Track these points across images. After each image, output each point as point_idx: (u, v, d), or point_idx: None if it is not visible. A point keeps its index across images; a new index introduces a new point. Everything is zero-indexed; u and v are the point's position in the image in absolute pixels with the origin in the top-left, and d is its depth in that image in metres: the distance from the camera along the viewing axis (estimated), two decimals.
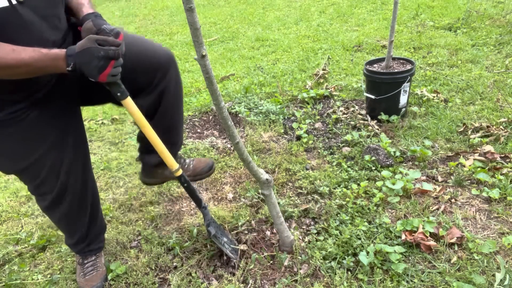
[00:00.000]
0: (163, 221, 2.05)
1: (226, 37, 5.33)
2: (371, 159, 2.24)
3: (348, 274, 1.58)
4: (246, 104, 3.15)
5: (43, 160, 1.32)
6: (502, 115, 2.54)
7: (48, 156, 1.32)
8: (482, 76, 3.09)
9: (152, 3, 8.56)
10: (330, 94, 3.19)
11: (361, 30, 4.70)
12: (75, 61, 1.09)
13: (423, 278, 1.52)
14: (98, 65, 1.10)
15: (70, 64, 1.09)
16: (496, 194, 1.88)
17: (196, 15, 1.01)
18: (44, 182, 1.39)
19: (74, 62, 1.09)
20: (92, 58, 1.09)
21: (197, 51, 1.07)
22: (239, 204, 2.08)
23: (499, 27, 4.03)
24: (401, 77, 2.51)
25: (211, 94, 1.19)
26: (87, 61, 1.09)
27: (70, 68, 1.09)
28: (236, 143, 1.34)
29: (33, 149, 1.29)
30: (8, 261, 1.92)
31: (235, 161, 2.48)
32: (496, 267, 1.52)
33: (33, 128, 1.25)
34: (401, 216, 1.86)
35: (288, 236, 1.69)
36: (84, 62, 1.09)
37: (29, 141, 1.27)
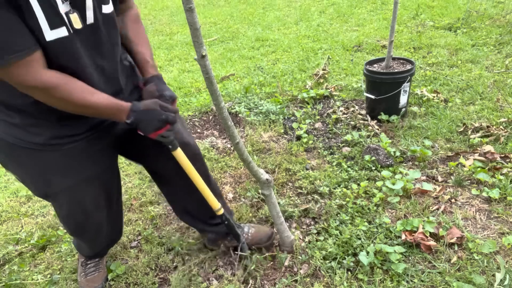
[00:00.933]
0: (163, 221, 2.05)
1: (226, 37, 5.33)
2: (371, 159, 2.24)
3: (348, 274, 1.58)
4: (246, 104, 3.15)
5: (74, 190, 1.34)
6: (502, 115, 2.54)
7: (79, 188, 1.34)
8: (482, 76, 3.09)
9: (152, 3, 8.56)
10: (330, 94, 3.19)
11: (361, 30, 4.70)
12: (137, 117, 1.19)
13: (423, 278, 1.52)
14: (156, 125, 1.22)
15: (131, 118, 1.19)
16: (496, 194, 1.88)
17: (196, 15, 1.01)
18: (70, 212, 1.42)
19: (136, 117, 1.19)
20: (154, 119, 1.21)
21: (197, 51, 1.07)
22: (239, 204, 2.08)
23: (499, 27, 4.03)
24: (401, 77, 2.51)
25: (211, 94, 1.19)
26: (149, 120, 1.21)
27: (129, 121, 1.20)
28: (236, 143, 1.34)
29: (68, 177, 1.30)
30: (8, 261, 1.92)
31: (235, 161, 2.48)
32: (496, 267, 1.52)
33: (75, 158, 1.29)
34: (401, 216, 1.86)
35: (289, 236, 1.69)
36: (145, 120, 1.20)
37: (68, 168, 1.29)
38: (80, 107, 1.12)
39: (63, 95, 1.07)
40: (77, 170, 1.30)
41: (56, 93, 1.06)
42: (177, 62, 4.65)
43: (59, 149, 1.24)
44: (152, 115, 1.21)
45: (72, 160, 1.28)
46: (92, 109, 1.14)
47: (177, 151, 1.36)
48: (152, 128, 1.22)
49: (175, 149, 1.36)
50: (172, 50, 5.10)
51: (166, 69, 4.46)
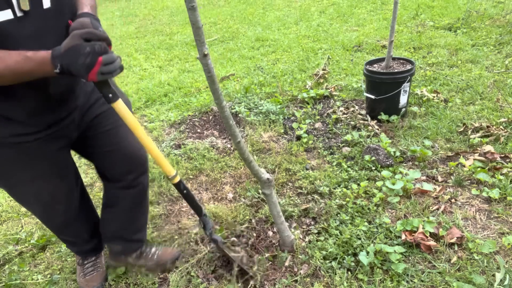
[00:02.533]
0: (163, 221, 2.05)
1: (226, 37, 5.33)
2: (371, 159, 2.24)
3: (348, 274, 1.58)
4: (246, 104, 3.15)
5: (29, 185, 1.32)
6: (502, 115, 2.54)
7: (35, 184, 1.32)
8: (482, 76, 3.09)
9: (152, 3, 8.56)
10: (330, 94, 3.19)
11: (361, 30, 4.70)
12: (62, 62, 1.00)
13: (423, 278, 1.52)
14: (85, 63, 1.00)
15: (57, 66, 1.00)
16: (496, 194, 1.88)
17: (198, 14, 1.00)
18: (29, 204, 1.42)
19: (61, 63, 1.00)
20: (78, 55, 0.99)
21: (199, 50, 1.07)
22: (239, 204, 2.08)
23: (499, 27, 4.03)
24: (401, 77, 2.51)
25: (213, 93, 1.19)
26: (74, 60, 0.99)
27: (58, 70, 1.00)
28: (238, 143, 1.34)
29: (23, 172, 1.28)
30: (8, 261, 1.92)
31: (235, 161, 2.48)
32: (496, 267, 1.52)
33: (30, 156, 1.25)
34: (401, 216, 1.86)
35: (289, 235, 1.69)
36: (71, 61, 0.99)
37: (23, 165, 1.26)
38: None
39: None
40: (32, 167, 1.27)
41: None
42: (177, 62, 4.65)
43: (15, 146, 1.20)
44: (75, 52, 0.99)
45: (28, 157, 1.24)
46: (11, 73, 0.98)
47: (118, 103, 1.18)
48: (83, 68, 1.00)
49: (115, 99, 1.17)
50: (172, 50, 5.10)
51: (166, 69, 4.46)
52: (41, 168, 1.30)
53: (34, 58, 0.99)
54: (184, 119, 3.13)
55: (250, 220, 1.95)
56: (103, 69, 1.03)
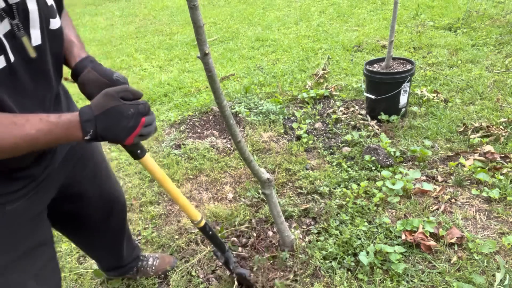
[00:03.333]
0: (163, 221, 2.05)
1: (226, 37, 5.33)
2: (371, 159, 2.24)
3: (348, 274, 1.58)
4: (246, 104, 3.15)
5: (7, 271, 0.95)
6: (502, 115, 2.54)
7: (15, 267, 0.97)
8: (482, 76, 3.09)
9: (152, 3, 8.56)
10: (330, 94, 3.19)
11: (361, 30, 4.70)
12: (97, 126, 0.84)
13: (423, 278, 1.52)
14: (127, 126, 0.86)
15: (89, 132, 0.83)
16: (496, 194, 1.88)
17: (200, 13, 1.00)
18: None
19: (95, 128, 0.84)
20: (121, 118, 0.85)
21: (200, 49, 1.07)
22: (239, 204, 2.08)
23: (499, 27, 4.03)
24: (401, 77, 2.51)
25: (213, 93, 1.18)
26: (115, 123, 0.85)
27: (89, 137, 0.84)
28: (238, 142, 1.34)
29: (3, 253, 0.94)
30: None
31: (235, 161, 2.48)
32: (496, 267, 1.52)
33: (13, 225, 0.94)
34: (401, 216, 1.86)
35: (289, 235, 1.69)
36: (111, 125, 0.85)
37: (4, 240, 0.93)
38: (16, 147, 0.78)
39: None
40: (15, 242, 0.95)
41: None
42: (177, 62, 4.65)
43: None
44: (117, 115, 0.85)
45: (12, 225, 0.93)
46: (32, 143, 0.79)
47: (146, 157, 1.08)
48: (123, 132, 0.87)
49: (143, 155, 1.07)
50: (172, 50, 5.10)
51: (166, 69, 4.46)
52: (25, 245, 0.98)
53: (60, 124, 0.82)
54: (184, 119, 3.13)
55: (250, 220, 1.95)
56: (143, 131, 0.91)
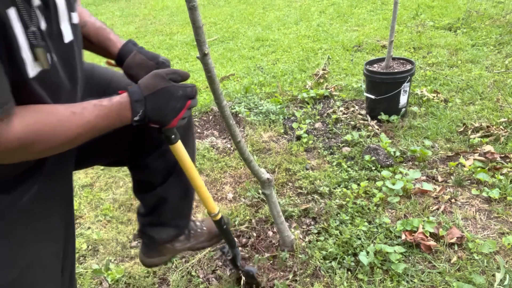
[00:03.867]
0: None
1: (226, 37, 5.33)
2: (371, 159, 2.24)
3: (348, 274, 1.58)
4: (246, 104, 3.15)
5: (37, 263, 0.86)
6: (502, 115, 2.54)
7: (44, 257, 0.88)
8: (482, 76, 3.09)
9: (152, 3, 8.56)
10: (330, 94, 3.19)
11: (361, 30, 4.70)
12: (146, 106, 0.83)
13: (423, 278, 1.52)
14: (175, 108, 0.87)
15: (139, 113, 0.82)
16: (496, 194, 1.88)
17: (199, 13, 1.00)
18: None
19: (144, 108, 0.83)
20: (171, 99, 0.86)
21: (199, 50, 1.07)
22: (239, 204, 2.08)
23: (499, 27, 4.03)
24: (401, 77, 2.51)
25: (213, 93, 1.18)
26: (164, 104, 0.85)
27: (138, 117, 0.83)
28: (238, 142, 1.34)
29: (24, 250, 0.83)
30: None
31: (235, 161, 2.48)
32: (496, 267, 1.52)
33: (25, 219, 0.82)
34: (401, 216, 1.86)
35: (289, 235, 1.69)
36: (160, 106, 0.85)
37: (18, 237, 0.82)
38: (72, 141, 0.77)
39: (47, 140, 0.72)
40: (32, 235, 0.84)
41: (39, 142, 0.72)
42: (177, 62, 4.64)
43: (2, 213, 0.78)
44: (167, 96, 0.86)
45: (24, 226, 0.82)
46: (92, 130, 0.79)
47: (178, 143, 1.04)
48: (171, 113, 0.87)
49: (177, 140, 1.03)
50: (172, 50, 5.10)
51: None
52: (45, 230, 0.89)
53: (114, 107, 0.80)
54: None
55: (250, 220, 1.95)
56: (186, 113, 0.92)
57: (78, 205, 2.24)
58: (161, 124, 0.89)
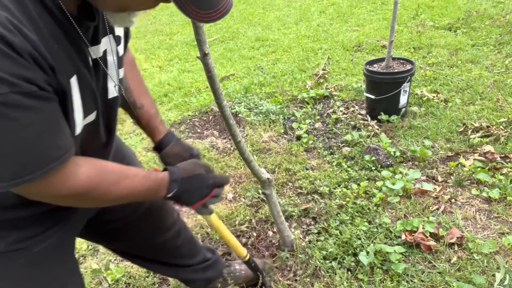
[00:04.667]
0: None
1: (226, 37, 5.33)
2: (371, 159, 2.24)
3: (348, 274, 1.58)
4: (246, 104, 3.15)
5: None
6: (502, 115, 2.54)
7: None
8: (482, 76, 3.09)
9: None
10: (330, 94, 3.19)
11: (361, 30, 4.70)
12: (180, 187, 0.93)
13: (423, 278, 1.52)
14: (203, 193, 0.98)
15: (173, 191, 0.92)
16: (496, 194, 1.88)
17: None
18: None
19: (180, 188, 0.93)
20: (202, 186, 0.97)
21: (199, 49, 1.07)
22: (239, 204, 2.08)
23: (499, 27, 4.03)
24: (401, 77, 2.51)
25: (213, 93, 1.18)
26: (195, 189, 0.96)
27: (171, 195, 0.92)
28: (238, 142, 1.34)
29: None
30: None
31: (235, 161, 2.48)
32: (496, 267, 1.52)
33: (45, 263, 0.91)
34: (401, 216, 1.86)
35: (289, 235, 1.69)
36: (191, 189, 0.96)
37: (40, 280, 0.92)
38: (117, 200, 0.85)
39: (100, 194, 0.80)
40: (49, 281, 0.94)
41: (94, 194, 0.78)
42: (177, 62, 4.65)
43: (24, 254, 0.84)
44: (199, 182, 0.97)
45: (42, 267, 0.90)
46: (129, 197, 0.86)
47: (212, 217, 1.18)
48: (197, 198, 0.98)
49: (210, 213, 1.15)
50: (172, 50, 5.10)
51: (166, 69, 4.46)
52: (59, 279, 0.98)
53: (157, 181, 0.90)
54: (184, 119, 3.13)
55: (250, 220, 1.95)
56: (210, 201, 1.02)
57: None
58: (185, 203, 0.99)
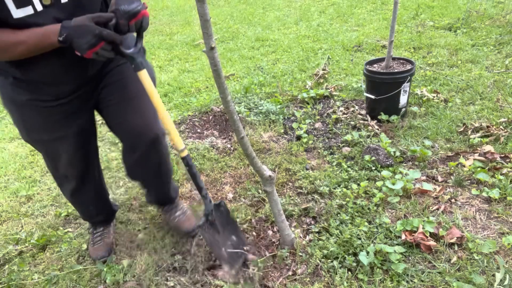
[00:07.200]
0: (163, 221, 2.05)
1: (226, 37, 5.33)
2: (371, 159, 2.24)
3: (349, 274, 1.58)
4: (246, 104, 3.15)
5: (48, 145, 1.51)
6: (502, 115, 2.54)
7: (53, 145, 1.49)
8: (482, 76, 3.09)
9: (152, 3, 8.56)
10: (330, 94, 3.19)
11: (361, 30, 4.70)
12: (68, 33, 1.13)
13: (423, 278, 1.52)
14: (89, 42, 1.14)
15: (63, 35, 1.13)
16: (496, 194, 1.88)
17: (207, 7, 1.00)
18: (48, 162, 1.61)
19: (67, 33, 1.13)
20: (88, 34, 1.13)
21: (206, 43, 1.07)
22: (239, 203, 2.08)
23: (499, 27, 4.03)
24: (401, 77, 2.51)
25: (218, 87, 1.18)
26: (81, 36, 1.14)
27: (61, 39, 1.14)
28: (241, 138, 1.34)
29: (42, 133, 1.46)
30: (8, 261, 1.92)
31: (235, 161, 2.48)
32: (496, 267, 1.52)
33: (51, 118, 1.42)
34: (401, 216, 1.86)
35: (289, 234, 1.69)
36: (77, 36, 1.14)
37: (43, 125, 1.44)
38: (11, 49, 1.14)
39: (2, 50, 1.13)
40: (51, 129, 1.44)
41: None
42: (177, 62, 4.64)
43: (37, 108, 1.38)
44: (85, 30, 1.14)
45: (48, 119, 1.42)
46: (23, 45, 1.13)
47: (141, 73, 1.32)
48: (85, 45, 1.15)
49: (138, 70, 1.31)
50: (172, 50, 5.10)
51: (166, 69, 4.46)
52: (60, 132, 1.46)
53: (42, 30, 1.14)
54: (184, 119, 3.13)
55: (250, 220, 1.95)
56: (100, 52, 1.18)
57: None
58: (79, 51, 1.17)
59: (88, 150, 1.61)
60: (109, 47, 1.20)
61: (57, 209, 2.24)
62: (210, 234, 1.58)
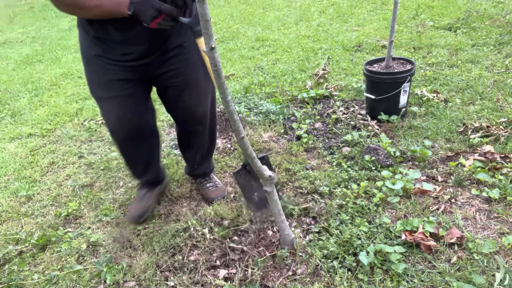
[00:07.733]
0: (163, 221, 2.05)
1: (226, 37, 5.33)
2: (371, 159, 2.24)
3: (349, 274, 1.58)
4: (246, 104, 3.15)
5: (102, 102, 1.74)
6: (502, 115, 2.54)
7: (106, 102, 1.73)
8: (482, 76, 3.09)
9: None
10: (330, 94, 3.19)
11: (361, 30, 4.70)
12: (136, 7, 1.37)
13: (423, 278, 1.52)
14: (152, 15, 1.38)
15: (131, 9, 1.38)
16: (496, 194, 1.88)
17: (207, 7, 1.00)
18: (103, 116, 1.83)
19: (135, 8, 1.37)
20: (150, 8, 1.37)
21: (206, 43, 1.07)
22: (240, 203, 2.08)
23: (499, 27, 4.03)
24: (401, 77, 2.51)
25: (218, 88, 1.19)
26: (145, 9, 1.38)
27: (130, 13, 1.38)
28: (241, 138, 1.34)
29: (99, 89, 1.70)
30: (8, 261, 1.92)
31: (235, 161, 2.48)
32: (496, 267, 1.52)
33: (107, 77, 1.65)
34: (401, 216, 1.86)
35: (289, 234, 1.69)
36: (142, 10, 1.38)
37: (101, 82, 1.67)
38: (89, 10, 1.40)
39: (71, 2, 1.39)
40: (109, 88, 1.66)
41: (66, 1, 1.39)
42: None
43: (99, 65, 1.62)
44: (148, 5, 1.37)
45: (105, 77, 1.64)
46: (99, 8, 1.38)
47: (200, 40, 1.48)
48: (149, 17, 1.38)
49: (197, 36, 1.48)
50: None
51: None
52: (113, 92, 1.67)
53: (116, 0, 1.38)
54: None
55: (251, 220, 1.95)
56: (162, 22, 1.43)
57: (78, 205, 2.24)
58: (145, 22, 1.41)
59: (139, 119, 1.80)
60: (169, 18, 1.42)
61: (57, 209, 2.24)
62: (245, 179, 1.71)
